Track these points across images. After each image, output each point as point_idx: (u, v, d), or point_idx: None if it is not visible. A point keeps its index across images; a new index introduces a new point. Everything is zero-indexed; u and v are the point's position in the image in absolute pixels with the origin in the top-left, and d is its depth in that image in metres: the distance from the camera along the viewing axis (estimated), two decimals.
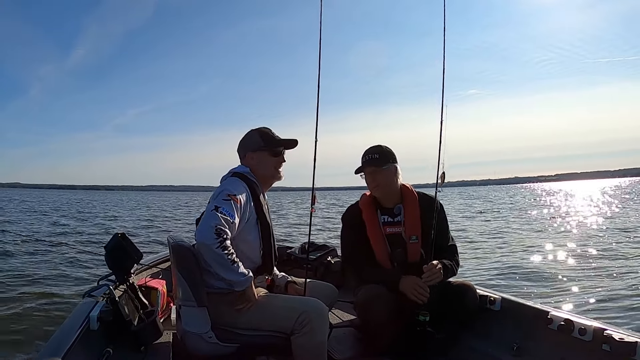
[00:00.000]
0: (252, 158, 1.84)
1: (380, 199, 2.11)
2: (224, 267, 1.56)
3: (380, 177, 2.04)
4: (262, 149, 1.83)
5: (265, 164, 1.84)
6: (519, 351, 1.80)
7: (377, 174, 2.03)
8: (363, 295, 1.95)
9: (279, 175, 1.88)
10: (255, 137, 1.85)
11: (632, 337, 1.43)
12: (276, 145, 1.85)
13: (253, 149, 1.84)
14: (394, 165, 2.06)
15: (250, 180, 1.78)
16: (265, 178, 1.86)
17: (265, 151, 1.83)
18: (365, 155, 2.07)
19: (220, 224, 1.54)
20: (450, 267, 1.99)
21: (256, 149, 1.83)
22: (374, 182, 2.05)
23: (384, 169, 2.03)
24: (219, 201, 1.61)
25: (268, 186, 1.90)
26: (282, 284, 1.97)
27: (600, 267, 5.93)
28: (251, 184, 1.77)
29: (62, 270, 5.85)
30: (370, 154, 2.06)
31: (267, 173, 1.85)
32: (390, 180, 2.06)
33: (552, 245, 8.19)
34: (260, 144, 1.83)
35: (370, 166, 2.04)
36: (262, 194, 1.84)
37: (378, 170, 2.03)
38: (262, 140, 1.84)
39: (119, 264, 1.93)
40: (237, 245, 1.69)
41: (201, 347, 1.64)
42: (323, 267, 3.12)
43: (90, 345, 1.58)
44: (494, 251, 7.80)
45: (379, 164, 2.03)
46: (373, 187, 2.07)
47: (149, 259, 2.76)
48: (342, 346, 2.03)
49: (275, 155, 1.85)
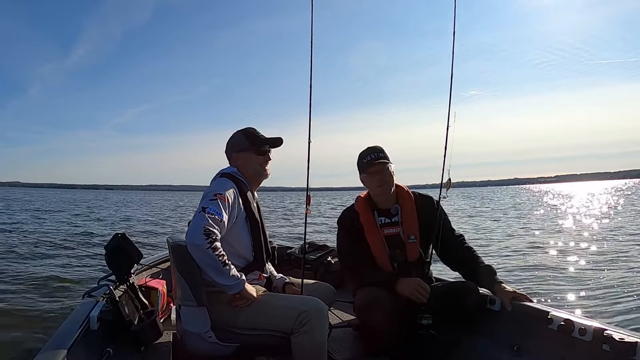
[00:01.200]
0: (238, 158, 1.88)
1: (378, 200, 2.10)
2: (215, 269, 1.57)
3: (387, 176, 2.03)
4: (247, 148, 1.87)
5: (251, 163, 1.88)
6: (519, 351, 1.80)
7: (385, 171, 2.03)
8: (362, 298, 1.94)
9: (265, 173, 1.91)
10: (240, 138, 1.90)
11: (632, 337, 1.42)
12: (260, 144, 1.89)
13: (238, 149, 1.88)
14: (392, 165, 2.07)
15: (238, 179, 1.81)
16: (252, 177, 1.89)
17: (250, 151, 1.87)
18: (369, 154, 2.05)
19: (209, 224, 1.56)
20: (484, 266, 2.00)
21: (241, 149, 1.88)
22: (381, 181, 2.03)
23: (390, 167, 2.04)
24: (205, 202, 1.64)
25: (257, 184, 1.94)
26: (280, 285, 1.97)
27: (600, 267, 5.93)
28: (239, 182, 1.80)
29: (62, 270, 5.85)
30: (374, 152, 2.04)
31: (254, 172, 1.89)
32: (392, 180, 2.06)
33: (552, 245, 8.20)
34: (245, 143, 1.87)
35: (380, 163, 2.02)
36: (252, 192, 1.87)
37: (385, 167, 2.03)
38: (247, 140, 1.88)
39: (119, 264, 1.93)
40: (228, 242, 1.71)
41: (201, 347, 1.65)
42: (323, 267, 3.12)
43: (90, 345, 1.57)
44: (494, 251, 7.80)
45: (387, 161, 2.03)
46: (378, 186, 2.05)
47: (149, 259, 2.76)
48: (342, 346, 2.03)
49: (260, 154, 1.88)
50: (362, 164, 2.08)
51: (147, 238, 10.08)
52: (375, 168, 2.03)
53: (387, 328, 1.84)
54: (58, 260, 6.43)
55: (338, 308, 2.48)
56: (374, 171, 2.04)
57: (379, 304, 1.84)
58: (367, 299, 1.90)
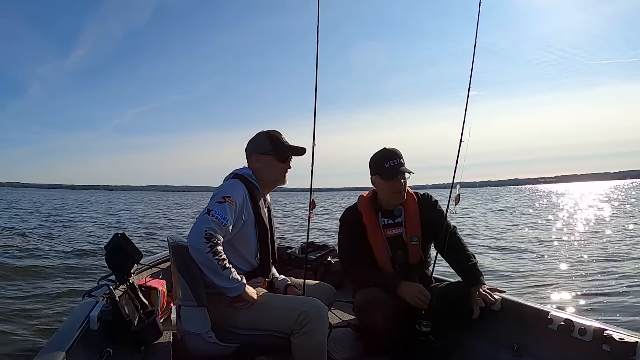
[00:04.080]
0: (258, 160, 1.83)
1: (385, 202, 2.07)
2: (215, 272, 1.57)
3: (405, 183, 2.01)
4: (270, 153, 1.82)
5: (271, 168, 1.83)
6: (519, 351, 1.80)
7: (403, 181, 2.00)
8: (361, 299, 1.94)
9: (283, 180, 1.87)
10: (264, 140, 1.84)
11: (632, 337, 1.42)
12: (284, 151, 1.84)
13: (261, 151, 1.83)
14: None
15: (250, 183, 1.78)
16: (268, 182, 1.86)
17: (272, 156, 1.82)
18: (392, 159, 1.98)
19: (211, 228, 1.55)
20: (471, 265, 1.97)
21: (263, 152, 1.82)
22: (401, 188, 1.99)
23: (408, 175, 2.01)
24: (212, 204, 1.62)
25: (270, 189, 1.90)
26: (282, 287, 1.96)
27: (600, 266, 5.92)
28: (250, 186, 1.76)
29: (62, 270, 5.85)
30: (397, 158, 1.98)
31: (272, 177, 1.85)
32: (406, 187, 2.04)
33: (552, 245, 8.20)
34: (269, 148, 1.82)
35: (405, 172, 1.97)
36: (263, 197, 1.84)
37: (405, 177, 2.00)
38: (271, 144, 1.82)
39: (119, 264, 1.93)
40: (234, 246, 1.71)
41: (201, 347, 1.64)
42: (323, 267, 3.12)
43: (90, 345, 1.57)
44: (494, 251, 7.80)
45: (409, 172, 1.98)
46: (398, 193, 2.00)
47: (149, 259, 2.76)
48: (341, 346, 2.03)
49: (282, 161, 1.83)
50: (382, 168, 1.99)
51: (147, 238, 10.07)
52: (398, 177, 1.97)
53: (386, 328, 1.84)
54: (58, 259, 6.43)
55: (338, 308, 2.48)
56: (396, 180, 1.97)
57: (378, 304, 1.84)
58: (366, 299, 1.90)
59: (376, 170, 2.03)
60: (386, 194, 2.04)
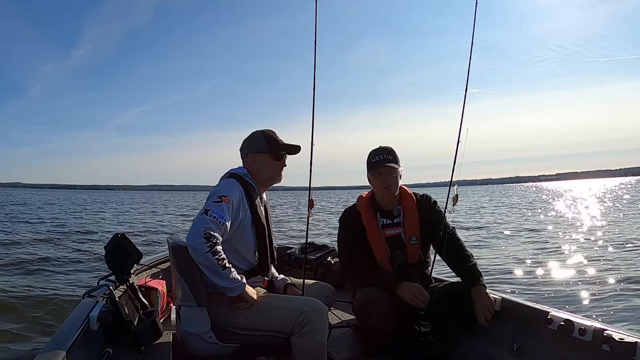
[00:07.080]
0: (253, 159, 1.84)
1: (382, 201, 2.09)
2: (214, 272, 1.57)
3: (394, 178, 2.03)
4: (265, 151, 1.83)
5: (266, 167, 1.84)
6: (519, 351, 1.80)
7: (392, 174, 2.02)
8: (361, 299, 1.95)
9: (279, 178, 1.88)
10: (260, 139, 1.85)
11: (632, 337, 1.42)
12: (279, 149, 1.85)
13: (256, 150, 1.84)
14: (401, 169, 2.05)
15: (246, 182, 1.78)
16: (264, 180, 1.86)
17: (267, 154, 1.83)
18: (378, 154, 2.03)
19: (210, 227, 1.56)
20: (470, 266, 1.98)
21: (259, 151, 1.84)
22: (388, 182, 2.02)
23: (398, 170, 2.03)
24: (209, 204, 1.63)
25: (266, 188, 1.91)
26: (282, 286, 1.97)
27: (600, 266, 5.92)
28: (246, 185, 1.77)
29: (62, 270, 5.86)
30: (384, 154, 2.02)
31: (268, 176, 1.86)
32: (398, 182, 2.05)
33: (552, 245, 8.19)
34: (264, 146, 1.83)
35: (388, 165, 2.00)
36: (260, 196, 1.85)
37: (394, 170, 2.01)
38: (266, 143, 1.84)
39: (119, 264, 1.93)
40: (233, 245, 1.71)
41: (201, 347, 1.64)
42: (323, 267, 3.12)
43: (90, 345, 1.58)
44: (494, 251, 7.80)
45: (396, 163, 2.01)
46: (385, 187, 2.03)
47: (149, 259, 2.76)
48: (341, 346, 2.03)
49: (277, 159, 1.85)
50: (370, 163, 2.06)
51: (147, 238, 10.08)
52: (383, 169, 2.01)
53: (386, 328, 1.84)
54: (58, 260, 6.43)
55: (338, 308, 2.48)
56: (384, 171, 2.01)
57: (378, 304, 1.85)
58: (366, 299, 1.90)
59: (367, 167, 2.09)
60: (378, 190, 2.08)
